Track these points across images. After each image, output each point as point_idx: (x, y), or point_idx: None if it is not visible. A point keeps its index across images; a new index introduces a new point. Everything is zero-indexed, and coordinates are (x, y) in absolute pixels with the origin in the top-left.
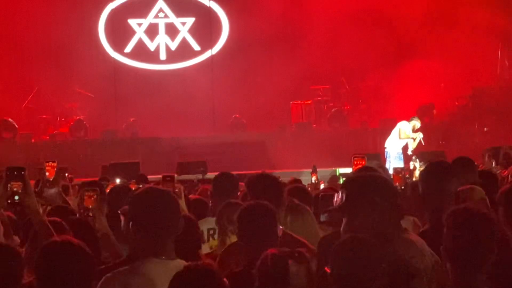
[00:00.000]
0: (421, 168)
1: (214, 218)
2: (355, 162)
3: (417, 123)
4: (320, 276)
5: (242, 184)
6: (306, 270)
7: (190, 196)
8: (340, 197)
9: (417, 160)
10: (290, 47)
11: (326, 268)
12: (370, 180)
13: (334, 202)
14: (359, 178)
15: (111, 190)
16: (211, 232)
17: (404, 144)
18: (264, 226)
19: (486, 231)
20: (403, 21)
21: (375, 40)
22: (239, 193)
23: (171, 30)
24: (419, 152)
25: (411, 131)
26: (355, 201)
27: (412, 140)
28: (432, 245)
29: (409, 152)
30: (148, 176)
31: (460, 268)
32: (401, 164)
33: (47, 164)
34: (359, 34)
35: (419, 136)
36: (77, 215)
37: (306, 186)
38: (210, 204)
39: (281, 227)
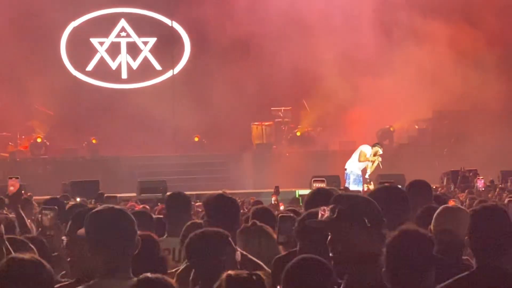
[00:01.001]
0: None
1: (172, 238)
2: (315, 185)
3: (379, 150)
4: None
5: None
6: None
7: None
8: (328, 212)
9: (371, 183)
10: (252, 69)
11: None
12: (362, 200)
13: (320, 216)
14: (352, 196)
15: (68, 209)
16: (166, 252)
17: (363, 167)
18: (215, 253)
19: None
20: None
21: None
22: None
23: (133, 49)
24: (379, 174)
25: (371, 155)
26: (345, 215)
27: (371, 163)
28: None
29: (366, 176)
30: (107, 195)
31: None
32: (360, 187)
33: (10, 179)
34: (319, 57)
35: (378, 160)
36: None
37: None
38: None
39: (238, 250)
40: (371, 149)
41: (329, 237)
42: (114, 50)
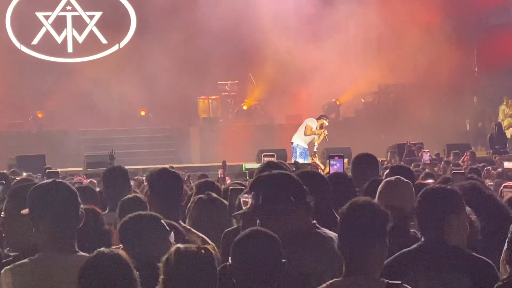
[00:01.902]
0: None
1: (112, 213)
2: (265, 159)
3: (325, 122)
4: (221, 269)
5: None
6: (212, 266)
7: (98, 189)
8: (253, 198)
9: (316, 156)
10: (198, 42)
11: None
12: (281, 178)
13: (243, 204)
14: (272, 178)
15: (14, 184)
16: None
17: (310, 140)
18: (147, 238)
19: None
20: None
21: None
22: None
23: (79, 23)
24: (325, 148)
25: (317, 127)
26: (271, 202)
27: (317, 136)
28: None
29: (315, 149)
30: (55, 169)
31: None
32: (307, 160)
33: None
34: (267, 31)
35: (324, 133)
36: None
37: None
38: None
39: (182, 223)
40: (317, 122)
41: (258, 222)
42: (59, 24)
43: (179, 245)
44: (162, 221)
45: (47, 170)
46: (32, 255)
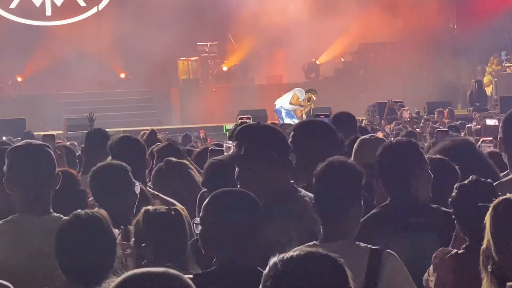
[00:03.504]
0: None
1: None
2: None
3: (313, 96)
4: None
5: None
6: (182, 226)
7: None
8: (234, 146)
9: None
10: (177, 3)
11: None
12: (267, 131)
13: (226, 150)
14: (256, 128)
15: None
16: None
17: (293, 109)
18: (118, 186)
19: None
20: None
21: None
22: None
23: None
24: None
25: (304, 99)
26: (251, 151)
27: (302, 108)
28: None
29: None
30: (35, 133)
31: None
32: (293, 121)
33: None
34: None
35: (310, 106)
36: None
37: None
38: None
39: (138, 184)
40: (305, 94)
41: (237, 171)
42: None
43: (148, 207)
44: (130, 173)
45: (43, 134)
46: (6, 217)
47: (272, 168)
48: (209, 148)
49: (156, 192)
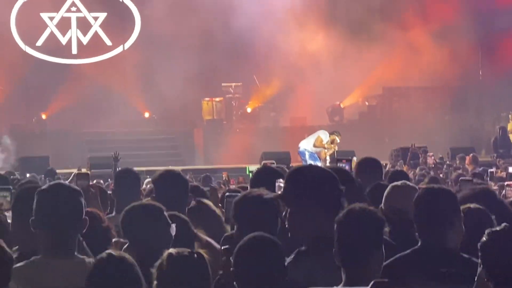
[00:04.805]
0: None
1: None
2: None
3: (337, 138)
4: (221, 275)
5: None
6: (205, 271)
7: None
8: (286, 185)
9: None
10: (202, 43)
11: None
12: (320, 174)
13: (279, 188)
14: (309, 170)
15: (18, 186)
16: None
17: (316, 151)
18: (152, 228)
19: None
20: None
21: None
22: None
23: (83, 25)
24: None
25: (328, 142)
26: (302, 192)
27: (326, 150)
28: None
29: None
30: (58, 171)
31: None
32: (318, 163)
33: None
34: (270, 32)
35: (334, 148)
36: None
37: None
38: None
39: (174, 225)
40: (329, 136)
41: (287, 210)
42: (64, 25)
43: (171, 250)
44: (165, 212)
45: (77, 172)
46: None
47: (321, 212)
48: (226, 194)
49: (194, 230)
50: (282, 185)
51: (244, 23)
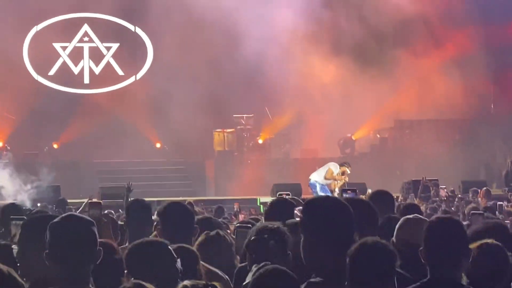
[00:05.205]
0: None
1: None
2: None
3: (347, 169)
4: None
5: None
6: None
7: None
8: (303, 216)
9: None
10: (214, 74)
11: None
12: (337, 206)
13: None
14: (326, 201)
15: (28, 216)
16: None
17: (327, 183)
18: (158, 265)
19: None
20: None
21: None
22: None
23: (96, 55)
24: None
25: (338, 173)
26: (318, 223)
27: (337, 182)
28: None
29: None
30: (69, 201)
31: None
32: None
33: None
34: (281, 64)
35: (345, 180)
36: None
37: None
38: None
39: (179, 260)
40: (339, 168)
41: (303, 239)
42: (76, 55)
43: (186, 282)
44: (169, 247)
45: (90, 201)
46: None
47: (335, 245)
48: (237, 226)
49: (202, 263)
50: (299, 213)
51: (256, 55)
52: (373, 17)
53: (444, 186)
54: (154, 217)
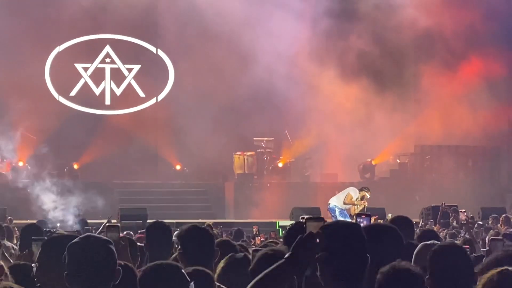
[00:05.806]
0: None
1: None
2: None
3: (367, 194)
4: None
5: None
6: None
7: None
8: (319, 241)
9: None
10: (235, 98)
11: None
12: (352, 231)
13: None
14: (342, 226)
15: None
16: None
17: (347, 208)
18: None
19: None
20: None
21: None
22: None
23: (117, 76)
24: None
25: (357, 198)
26: (333, 248)
27: (356, 207)
28: None
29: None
30: (89, 221)
31: None
32: (348, 219)
33: None
34: (302, 88)
35: (364, 205)
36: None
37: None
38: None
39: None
40: (358, 193)
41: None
42: (98, 76)
43: None
44: (183, 270)
45: (108, 224)
46: None
47: (350, 270)
48: (252, 250)
49: (219, 285)
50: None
51: (278, 80)
52: (393, 37)
53: (464, 210)
54: (174, 239)
